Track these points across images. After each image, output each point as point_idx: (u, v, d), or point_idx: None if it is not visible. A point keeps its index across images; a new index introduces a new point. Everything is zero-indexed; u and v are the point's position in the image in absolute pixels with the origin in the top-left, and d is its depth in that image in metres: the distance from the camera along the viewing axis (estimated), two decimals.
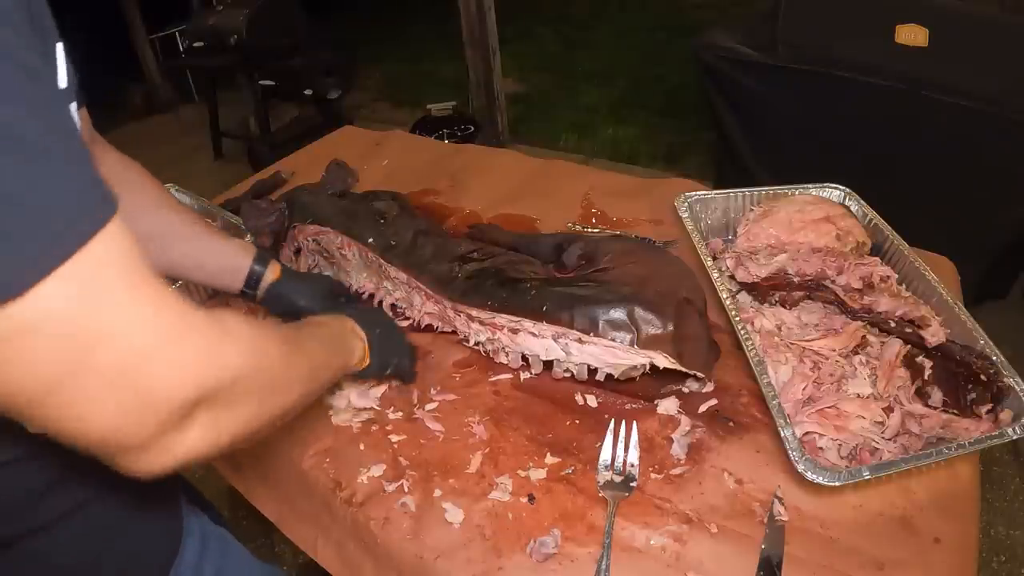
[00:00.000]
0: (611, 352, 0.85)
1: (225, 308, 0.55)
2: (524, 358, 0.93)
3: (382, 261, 1.06)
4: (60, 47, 0.50)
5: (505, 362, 0.95)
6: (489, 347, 0.96)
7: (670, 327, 0.85)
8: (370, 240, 1.08)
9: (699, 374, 0.86)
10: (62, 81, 0.49)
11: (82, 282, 0.36)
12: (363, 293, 1.12)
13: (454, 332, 1.00)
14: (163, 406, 0.40)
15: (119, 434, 0.39)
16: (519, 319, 0.90)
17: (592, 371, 0.89)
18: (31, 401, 0.37)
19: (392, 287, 1.08)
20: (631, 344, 0.84)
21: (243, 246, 0.92)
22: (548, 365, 0.92)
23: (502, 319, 0.91)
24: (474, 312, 0.94)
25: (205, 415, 0.43)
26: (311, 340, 0.67)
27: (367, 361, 0.80)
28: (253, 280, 0.91)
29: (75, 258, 0.36)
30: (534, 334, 0.89)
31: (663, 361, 0.84)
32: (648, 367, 0.86)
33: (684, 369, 0.85)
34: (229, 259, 0.90)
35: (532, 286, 0.91)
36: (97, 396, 0.38)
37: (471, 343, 0.98)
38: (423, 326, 1.04)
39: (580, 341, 0.86)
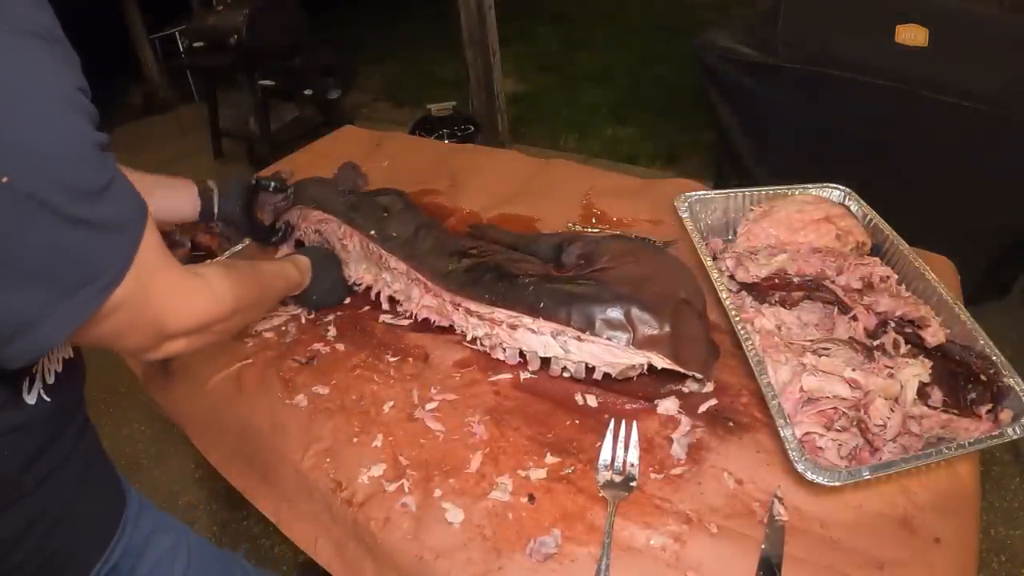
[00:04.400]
0: (609, 351, 0.85)
1: (207, 266, 0.76)
2: (521, 354, 0.93)
3: (383, 251, 1.07)
4: None
5: (502, 358, 0.95)
6: (487, 343, 0.96)
7: (667, 328, 0.85)
8: (372, 232, 1.09)
9: (697, 375, 0.86)
10: None
11: (139, 269, 0.55)
12: (360, 285, 1.13)
13: (451, 328, 1.00)
14: (169, 334, 0.64)
15: (142, 347, 0.64)
16: (518, 315, 0.90)
17: (590, 370, 0.89)
18: (105, 339, 0.59)
19: (391, 279, 1.08)
20: (628, 344, 0.84)
21: (185, 184, 1.11)
22: (545, 363, 0.92)
23: (501, 314, 0.91)
24: (472, 306, 0.94)
25: (191, 336, 0.67)
26: (269, 278, 0.93)
27: (306, 285, 1.05)
28: (207, 202, 1.12)
29: (138, 252, 0.55)
30: (533, 330, 0.89)
31: (660, 361, 0.84)
32: (646, 367, 0.86)
33: (681, 370, 0.85)
34: (181, 199, 1.11)
35: (530, 282, 0.92)
36: (137, 333, 0.61)
37: (468, 338, 0.98)
38: (420, 319, 1.04)
39: (579, 339, 0.86)
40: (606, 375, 0.88)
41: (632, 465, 0.80)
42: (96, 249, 0.51)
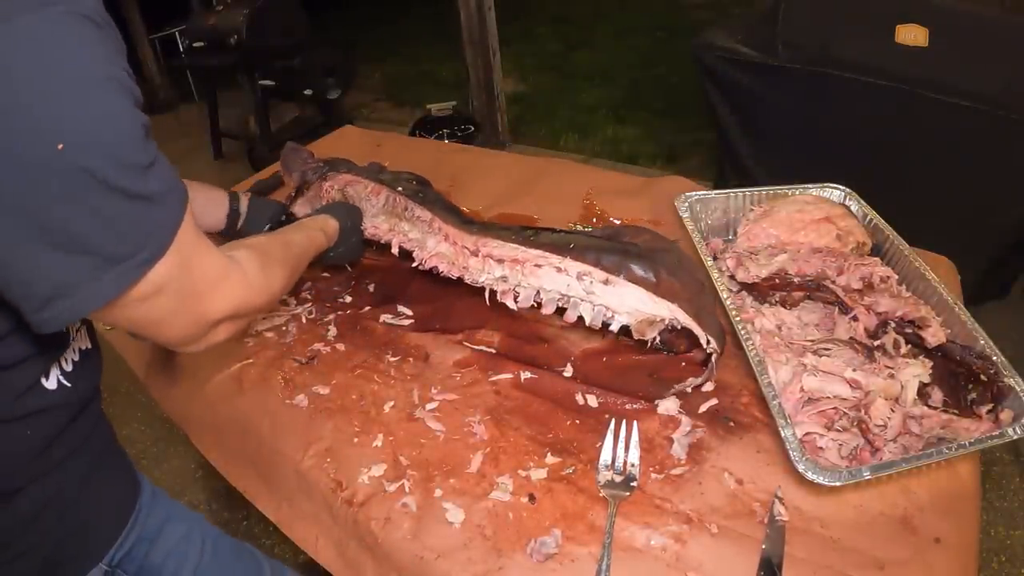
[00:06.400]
0: (635, 296, 0.87)
1: (237, 250, 0.73)
2: (536, 301, 0.95)
3: (409, 202, 1.11)
4: None
5: (512, 306, 0.96)
6: (500, 287, 0.96)
7: (689, 292, 0.88)
8: (399, 188, 1.14)
9: (713, 342, 0.87)
10: None
11: (180, 247, 0.56)
12: (375, 234, 1.16)
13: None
14: (209, 323, 0.64)
15: (186, 336, 0.63)
16: (545, 254, 0.92)
17: (605, 324, 0.91)
18: (143, 327, 0.60)
19: (409, 227, 1.12)
20: (653, 293, 0.87)
21: (219, 196, 1.15)
22: (560, 313, 0.95)
23: (527, 253, 0.93)
24: (495, 249, 0.96)
25: (228, 323, 0.67)
26: (298, 251, 0.91)
27: (335, 240, 1.08)
28: (233, 218, 1.18)
29: (178, 231, 0.56)
30: (559, 269, 0.91)
31: (682, 316, 0.86)
32: (658, 338, 0.89)
33: (700, 331, 0.87)
34: (213, 209, 1.15)
35: (559, 230, 0.97)
36: (181, 319, 0.61)
37: (481, 281, 0.98)
38: (427, 267, 1.05)
39: (605, 282, 0.88)
40: (623, 328, 0.90)
41: (632, 465, 0.80)
42: (140, 222, 0.53)
